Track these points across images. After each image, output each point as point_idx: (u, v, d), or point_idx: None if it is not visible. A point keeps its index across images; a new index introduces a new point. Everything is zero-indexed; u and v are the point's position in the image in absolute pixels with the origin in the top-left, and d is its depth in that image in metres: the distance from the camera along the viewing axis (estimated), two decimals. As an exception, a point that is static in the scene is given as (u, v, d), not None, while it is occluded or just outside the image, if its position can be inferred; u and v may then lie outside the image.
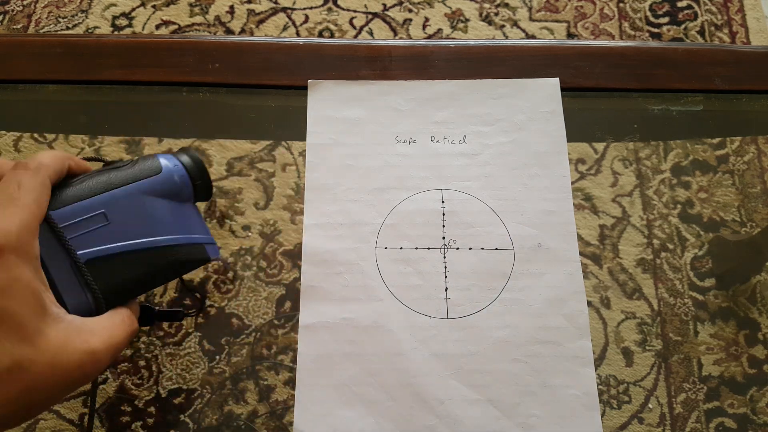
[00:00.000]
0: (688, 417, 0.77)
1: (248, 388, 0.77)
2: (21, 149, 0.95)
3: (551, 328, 0.38)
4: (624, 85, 0.45)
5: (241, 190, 0.89)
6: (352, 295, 0.38)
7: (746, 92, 0.45)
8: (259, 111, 0.48)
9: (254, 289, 0.83)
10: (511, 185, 0.41)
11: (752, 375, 0.79)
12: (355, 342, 0.37)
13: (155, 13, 1.08)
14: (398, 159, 0.42)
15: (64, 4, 1.09)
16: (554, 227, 0.40)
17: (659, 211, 0.86)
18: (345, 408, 0.36)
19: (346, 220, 0.40)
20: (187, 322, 0.82)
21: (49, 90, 0.45)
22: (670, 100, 0.46)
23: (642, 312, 0.81)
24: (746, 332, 0.80)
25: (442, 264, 0.39)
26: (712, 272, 0.82)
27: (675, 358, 0.79)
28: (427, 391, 0.36)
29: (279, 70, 0.45)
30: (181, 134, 0.73)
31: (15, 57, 0.45)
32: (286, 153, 0.91)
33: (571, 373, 0.37)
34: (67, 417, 0.76)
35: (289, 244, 0.85)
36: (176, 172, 0.33)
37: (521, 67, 0.45)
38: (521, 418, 0.36)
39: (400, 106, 0.44)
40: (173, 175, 0.33)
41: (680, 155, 0.89)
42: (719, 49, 0.46)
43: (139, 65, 0.45)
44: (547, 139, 0.43)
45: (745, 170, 0.90)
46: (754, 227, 0.84)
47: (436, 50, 0.46)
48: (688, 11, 1.09)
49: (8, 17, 1.08)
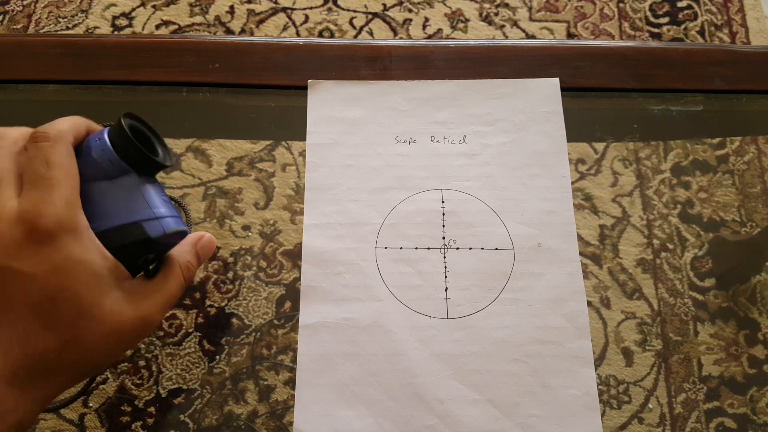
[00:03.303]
0: (688, 417, 0.77)
1: (248, 388, 0.77)
2: (21, 149, 0.95)
3: (551, 328, 0.38)
4: (624, 85, 0.45)
5: (241, 190, 0.89)
6: (352, 295, 0.38)
7: (746, 92, 0.45)
8: (259, 111, 0.48)
9: (254, 289, 0.83)
10: (511, 185, 0.41)
11: (752, 375, 0.79)
12: (355, 342, 0.37)
13: (155, 13, 1.08)
14: (398, 159, 0.42)
15: (64, 4, 1.09)
16: (554, 227, 0.40)
17: (659, 211, 0.86)
18: (345, 408, 0.36)
19: (346, 220, 0.40)
20: (187, 322, 0.82)
21: (49, 90, 0.45)
22: (670, 100, 0.46)
23: (642, 312, 0.81)
24: (746, 332, 0.80)
25: (442, 264, 0.39)
26: (712, 272, 0.82)
27: (675, 358, 0.79)
28: (427, 391, 0.36)
29: (279, 70, 0.45)
30: (181, 134, 0.73)
31: (15, 57, 0.45)
32: (286, 153, 0.91)
33: (571, 373, 0.37)
34: (67, 417, 0.76)
35: (289, 244, 0.85)
36: (96, 146, 0.29)
37: (521, 67, 0.45)
38: (521, 418, 0.36)
39: (400, 106, 0.44)
40: (91, 151, 0.29)
41: (680, 155, 0.89)
42: (719, 49, 0.46)
43: (139, 65, 0.45)
44: (547, 139, 0.43)
45: (745, 170, 0.90)
46: (754, 227, 0.84)
47: (436, 50, 0.46)
48: (688, 11, 1.09)
49: (8, 17, 1.08)
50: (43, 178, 0.27)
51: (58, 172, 0.28)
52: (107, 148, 0.29)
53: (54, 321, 0.26)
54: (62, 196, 0.27)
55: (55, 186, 0.27)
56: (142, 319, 0.28)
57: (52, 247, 0.26)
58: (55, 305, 0.26)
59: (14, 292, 0.26)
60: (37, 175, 0.28)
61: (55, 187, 0.27)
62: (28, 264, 0.26)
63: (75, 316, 0.27)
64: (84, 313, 0.27)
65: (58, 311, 0.26)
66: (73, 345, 0.27)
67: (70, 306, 0.27)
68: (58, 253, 0.26)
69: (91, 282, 0.27)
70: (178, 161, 0.86)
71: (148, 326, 0.29)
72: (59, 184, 0.27)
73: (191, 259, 0.32)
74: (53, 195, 0.27)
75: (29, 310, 0.26)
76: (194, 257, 0.33)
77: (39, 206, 0.27)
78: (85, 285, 0.27)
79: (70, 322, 0.27)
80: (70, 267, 0.27)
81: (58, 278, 0.26)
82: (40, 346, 0.26)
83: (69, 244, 0.27)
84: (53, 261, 0.26)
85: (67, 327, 0.27)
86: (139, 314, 0.28)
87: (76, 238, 0.27)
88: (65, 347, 0.27)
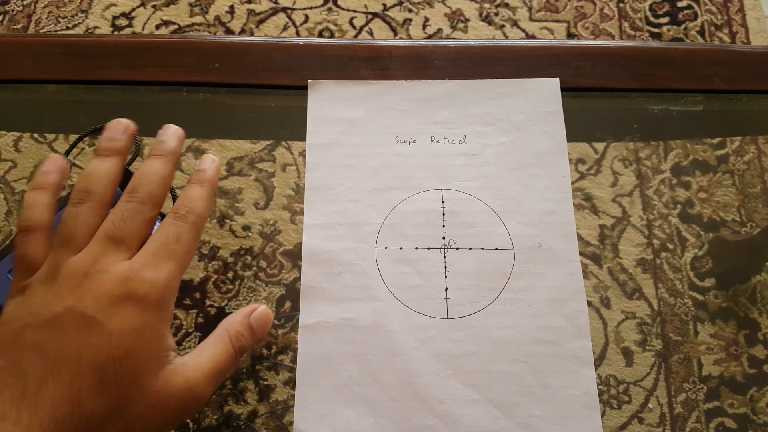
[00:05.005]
0: (688, 417, 0.77)
1: (248, 388, 0.77)
2: (21, 149, 0.95)
3: (551, 328, 0.38)
4: (624, 85, 0.45)
5: (241, 190, 0.89)
6: (352, 295, 0.38)
7: (746, 92, 0.45)
8: (259, 111, 0.48)
9: (254, 289, 0.83)
10: (511, 185, 0.41)
11: (752, 375, 0.79)
12: (355, 342, 0.37)
13: (155, 13, 1.08)
14: (398, 159, 0.42)
15: (64, 4, 1.09)
16: (554, 227, 0.40)
17: (659, 211, 0.86)
18: (345, 408, 0.36)
19: (346, 220, 0.40)
20: (187, 322, 0.82)
21: (49, 90, 0.45)
22: (670, 100, 0.46)
23: (642, 312, 0.81)
24: (746, 332, 0.80)
25: (442, 264, 0.39)
26: (712, 272, 0.82)
27: (675, 358, 0.79)
28: (427, 391, 0.36)
29: (279, 70, 0.45)
30: (181, 134, 0.72)
31: (15, 57, 0.45)
32: (286, 153, 0.91)
33: (571, 373, 0.37)
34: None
35: (289, 244, 0.85)
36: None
37: (521, 67, 0.45)
38: (521, 418, 0.36)
39: (400, 106, 0.44)
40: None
41: (680, 155, 0.89)
42: (719, 49, 0.46)
43: (139, 65, 0.45)
44: (547, 139, 0.43)
45: (745, 170, 0.90)
46: (754, 227, 0.84)
47: (436, 50, 0.46)
48: (688, 11, 1.09)
49: (8, 17, 1.08)
50: (167, 250, 0.29)
51: (182, 249, 0.29)
52: None
53: (109, 385, 0.26)
54: (170, 272, 0.29)
55: (173, 261, 0.29)
56: (189, 391, 0.28)
57: (137, 313, 0.27)
58: (116, 367, 0.26)
59: (88, 343, 0.26)
60: (163, 245, 0.29)
61: (173, 261, 0.29)
62: (112, 321, 0.27)
63: (129, 382, 0.27)
64: (138, 381, 0.27)
65: (116, 374, 0.26)
66: (120, 414, 0.26)
67: (129, 371, 0.27)
68: (139, 319, 0.27)
69: (155, 351, 0.28)
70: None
71: (196, 399, 0.29)
72: (176, 261, 0.29)
73: (243, 330, 0.32)
74: (163, 269, 0.28)
75: (91, 369, 0.26)
76: (246, 329, 0.32)
77: (147, 273, 0.28)
78: (150, 352, 0.28)
79: (124, 389, 0.27)
80: (143, 334, 0.27)
81: (130, 341, 0.27)
82: (88, 410, 0.26)
83: (152, 314, 0.28)
84: (133, 325, 0.27)
85: (119, 394, 0.26)
86: (186, 386, 0.28)
87: (159, 312, 0.28)
88: (111, 415, 0.26)
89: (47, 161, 0.32)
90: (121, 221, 0.29)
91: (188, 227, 0.30)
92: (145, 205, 0.30)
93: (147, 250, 0.29)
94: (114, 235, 0.29)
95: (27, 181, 0.93)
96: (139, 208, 0.30)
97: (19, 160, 0.95)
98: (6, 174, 0.94)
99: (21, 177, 0.93)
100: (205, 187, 0.32)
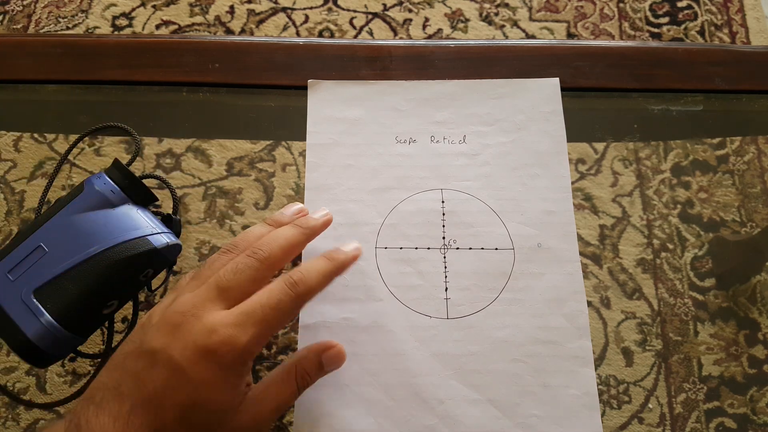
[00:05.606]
0: (688, 417, 0.77)
1: (248, 388, 0.77)
2: (21, 149, 0.95)
3: (551, 328, 0.38)
4: (624, 85, 0.45)
5: (241, 190, 0.89)
6: (352, 295, 0.38)
7: (746, 92, 0.45)
8: (259, 111, 0.48)
9: (254, 289, 0.82)
10: (511, 185, 0.41)
11: (752, 375, 0.78)
12: (355, 342, 0.37)
13: (155, 13, 1.08)
14: (398, 159, 0.42)
15: (64, 4, 1.09)
16: (554, 227, 0.40)
17: (659, 211, 0.86)
18: (345, 408, 0.36)
19: (346, 220, 0.40)
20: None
21: (49, 90, 0.45)
22: (670, 100, 0.46)
23: (642, 312, 0.81)
24: (746, 332, 0.80)
25: (442, 264, 0.39)
26: (712, 272, 0.82)
27: (675, 358, 0.79)
28: (427, 391, 0.36)
29: (279, 70, 0.45)
30: (181, 134, 0.73)
31: (15, 57, 0.45)
32: (286, 153, 0.91)
33: (571, 373, 0.37)
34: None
35: (289, 244, 0.85)
36: (98, 182, 0.35)
37: (521, 67, 0.45)
38: (521, 418, 0.36)
39: (400, 106, 0.44)
40: (94, 185, 0.35)
41: (680, 155, 0.89)
42: (719, 49, 0.46)
43: (139, 65, 0.45)
44: (547, 139, 0.43)
45: (745, 170, 0.90)
46: (754, 227, 0.84)
47: (436, 50, 0.46)
48: (688, 11, 1.09)
49: (8, 17, 1.08)
50: (259, 314, 0.30)
51: (275, 319, 0.30)
52: (108, 181, 0.35)
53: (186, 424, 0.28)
54: (255, 336, 0.29)
55: (259, 326, 0.29)
56: (255, 428, 0.30)
57: (215, 369, 0.28)
58: (194, 410, 0.28)
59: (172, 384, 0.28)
60: (258, 307, 0.30)
61: (259, 327, 0.29)
62: (193, 370, 0.28)
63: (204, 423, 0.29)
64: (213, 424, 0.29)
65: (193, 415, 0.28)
66: None
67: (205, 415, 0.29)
68: (217, 374, 0.29)
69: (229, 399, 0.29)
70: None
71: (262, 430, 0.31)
72: (263, 327, 0.30)
73: (310, 369, 0.33)
74: (249, 331, 0.29)
75: (173, 407, 0.28)
76: (314, 367, 0.33)
77: (232, 332, 0.29)
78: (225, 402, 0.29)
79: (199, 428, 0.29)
80: (219, 387, 0.29)
81: (207, 392, 0.28)
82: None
83: (229, 372, 0.29)
84: (211, 379, 0.28)
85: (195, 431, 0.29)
86: (254, 423, 0.30)
87: (236, 369, 0.29)
88: None
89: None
90: (233, 272, 0.31)
91: (292, 296, 0.31)
92: (262, 264, 0.31)
93: (243, 307, 0.30)
94: (221, 284, 0.30)
95: (27, 181, 0.93)
96: (255, 265, 0.31)
97: (19, 160, 0.94)
98: (6, 174, 0.94)
99: (21, 177, 0.92)
100: (330, 265, 0.33)
